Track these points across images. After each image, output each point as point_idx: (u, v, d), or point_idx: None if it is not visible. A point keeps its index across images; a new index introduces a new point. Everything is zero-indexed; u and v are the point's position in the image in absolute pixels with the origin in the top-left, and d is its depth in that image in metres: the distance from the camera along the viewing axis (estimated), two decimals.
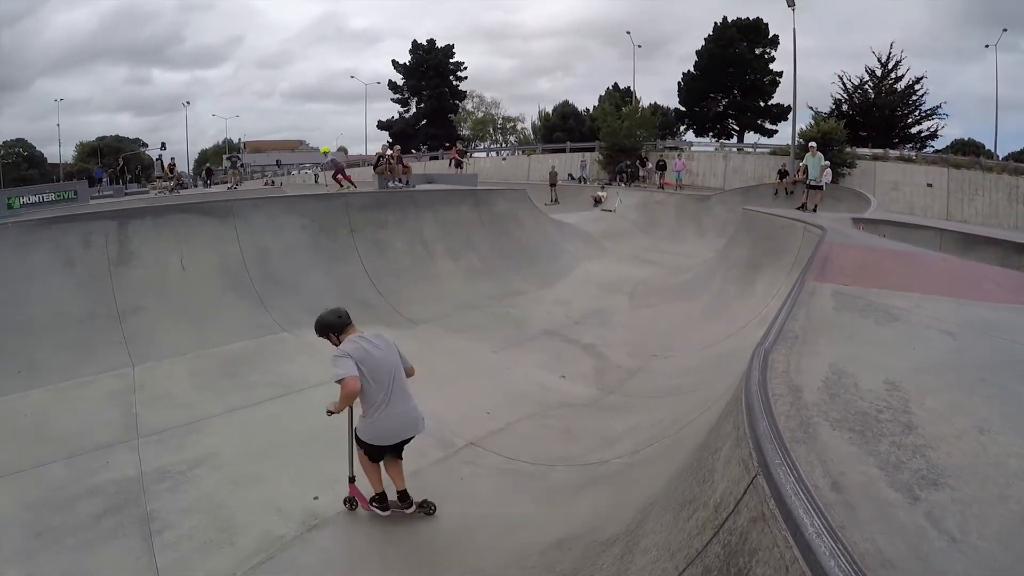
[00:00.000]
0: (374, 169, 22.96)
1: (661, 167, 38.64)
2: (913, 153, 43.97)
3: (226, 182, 42.81)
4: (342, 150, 79.71)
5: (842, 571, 1.87)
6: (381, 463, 5.73)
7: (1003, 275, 9.33)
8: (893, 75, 52.74)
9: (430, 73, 77.51)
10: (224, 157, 70.65)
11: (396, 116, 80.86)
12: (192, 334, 10.09)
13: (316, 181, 48.65)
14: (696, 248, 24.64)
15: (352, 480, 5.84)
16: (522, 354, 10.96)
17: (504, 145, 77.80)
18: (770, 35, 61.21)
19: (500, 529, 5.32)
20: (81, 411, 7.82)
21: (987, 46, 56.14)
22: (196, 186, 47.10)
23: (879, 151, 41.71)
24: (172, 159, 42.71)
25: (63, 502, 5.85)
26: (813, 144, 23.78)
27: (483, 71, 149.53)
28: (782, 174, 33.73)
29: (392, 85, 79.70)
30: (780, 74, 60.82)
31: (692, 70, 63.16)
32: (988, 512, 2.21)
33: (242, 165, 54.47)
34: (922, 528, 2.10)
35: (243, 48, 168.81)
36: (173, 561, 5.00)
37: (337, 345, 5.68)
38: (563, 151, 52.05)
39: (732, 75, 60.92)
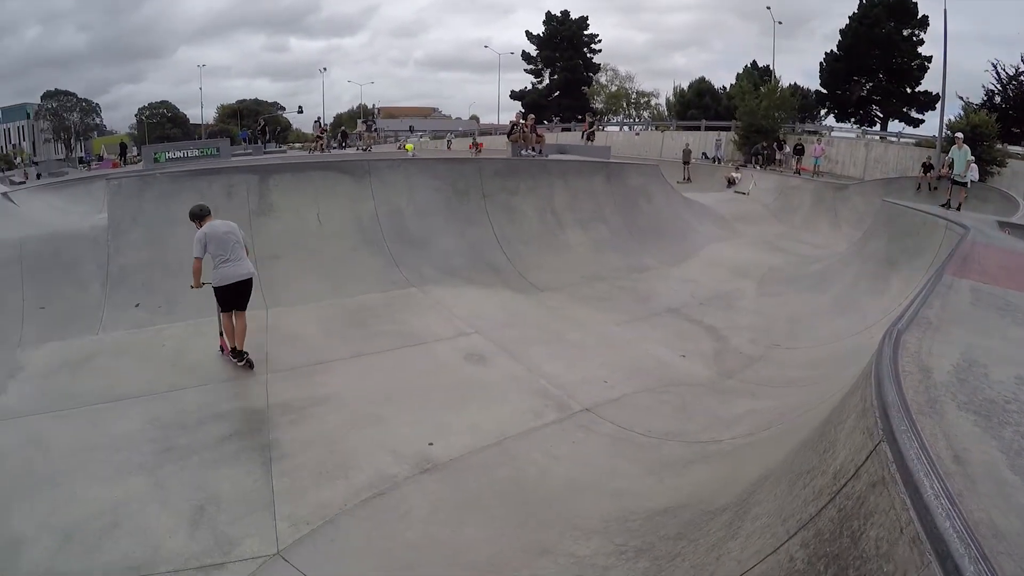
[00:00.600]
0: (508, 136, 23.06)
1: (799, 151, 37.45)
2: None
3: (358, 146, 43.81)
4: (474, 119, 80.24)
5: (956, 533, 1.83)
6: (232, 319, 7.79)
7: None
8: None
9: (564, 45, 77.11)
10: (359, 121, 72.24)
11: (529, 87, 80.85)
12: (324, 284, 10.52)
13: (448, 147, 49.36)
14: (830, 239, 23.92)
15: (221, 335, 8.08)
16: (644, 329, 10.88)
17: (638, 120, 76.85)
18: (919, 16, 57.28)
19: (607, 492, 5.34)
20: (215, 346, 8.32)
21: None
22: (332, 148, 48.46)
23: None
24: (318, 120, 44.07)
25: (192, 424, 6.31)
26: (960, 135, 22.60)
27: (617, 44, 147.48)
28: (926, 167, 31.93)
29: (525, 56, 79.60)
30: (929, 59, 57.03)
31: (835, 50, 59.71)
32: None
33: (376, 130, 55.59)
34: None
35: (378, 17, 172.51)
36: (288, 486, 5.30)
37: (199, 229, 7.85)
38: (698, 129, 51.15)
39: (877, 58, 57.36)
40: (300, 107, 65.37)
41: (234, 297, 7.72)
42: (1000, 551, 1.88)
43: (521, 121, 23.21)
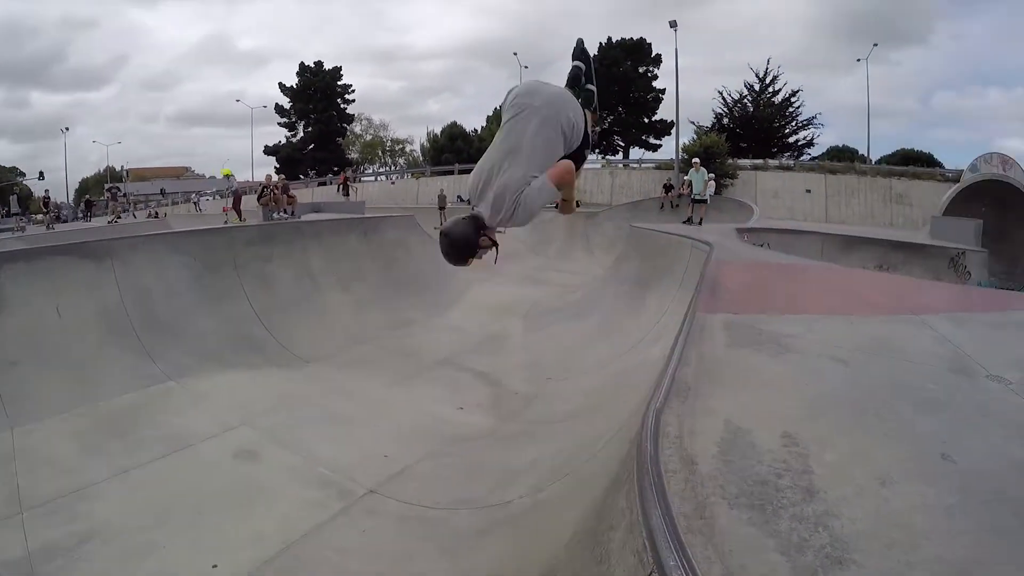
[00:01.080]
0: (258, 200, 22.49)
1: None
2: (792, 162, 46.19)
3: (106, 215, 41.37)
4: (228, 175, 77.94)
5: None
6: None
7: (888, 282, 9.77)
8: (771, 89, 55.59)
9: (317, 96, 76.75)
10: (105, 188, 68.17)
11: (283, 140, 79.73)
12: (73, 389, 9.54)
13: (199, 210, 47.37)
14: (586, 265, 24.99)
15: None
16: (417, 387, 10.88)
17: (393, 168, 77.36)
18: (653, 54, 64.10)
19: None
20: None
21: (859, 60, 60.13)
22: (76, 219, 45.28)
23: (759, 161, 43.76)
24: (46, 192, 41.01)
25: None
26: (696, 160, 24.70)
27: (372, 93, 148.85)
28: (667, 188, 34.89)
29: (279, 109, 78.47)
30: (663, 91, 63.63)
31: None
32: None
33: (124, 195, 52.60)
34: None
35: (127, 69, 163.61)
36: None
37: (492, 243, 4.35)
38: (452, 173, 52.37)
39: (617, 93, 62.96)
40: (41, 172, 60.39)
41: None
42: None
43: (272, 182, 22.72)
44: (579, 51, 5.18)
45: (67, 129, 74.05)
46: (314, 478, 7.26)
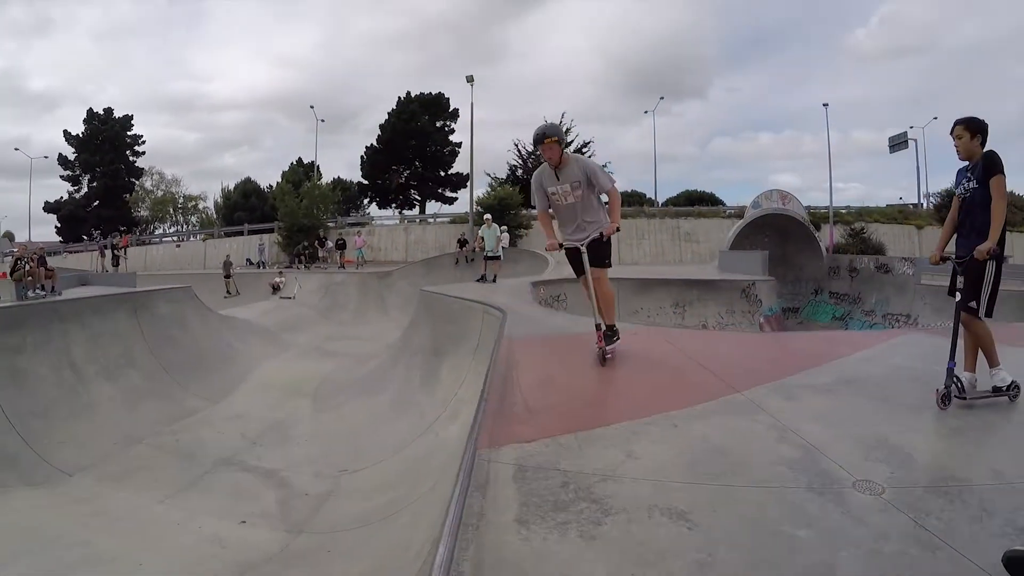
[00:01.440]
0: (10, 276, 19.99)
1: (341, 246, 39.28)
2: None
3: None
4: (7, 236, 70.77)
5: None
6: None
7: (695, 342, 9.69)
8: (565, 140, 57.04)
9: (105, 146, 71.28)
10: None
11: (66, 196, 73.31)
12: None
13: None
14: (381, 328, 24.67)
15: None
16: (194, 498, 9.65)
17: (184, 227, 73.95)
18: (451, 108, 65.56)
19: None
20: None
21: (646, 111, 64.29)
22: None
23: None
24: None
25: None
26: (488, 216, 24.83)
27: (166, 144, 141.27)
28: (461, 243, 35.57)
29: (63, 160, 72.18)
30: (460, 144, 65.78)
31: (375, 143, 65.67)
32: None
33: None
34: None
35: None
36: None
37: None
38: (241, 234, 50.63)
39: (414, 147, 64.78)
40: None
41: None
42: None
43: (26, 254, 20.34)
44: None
45: None
46: None
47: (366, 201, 68.65)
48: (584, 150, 58.82)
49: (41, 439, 11.28)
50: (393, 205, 66.69)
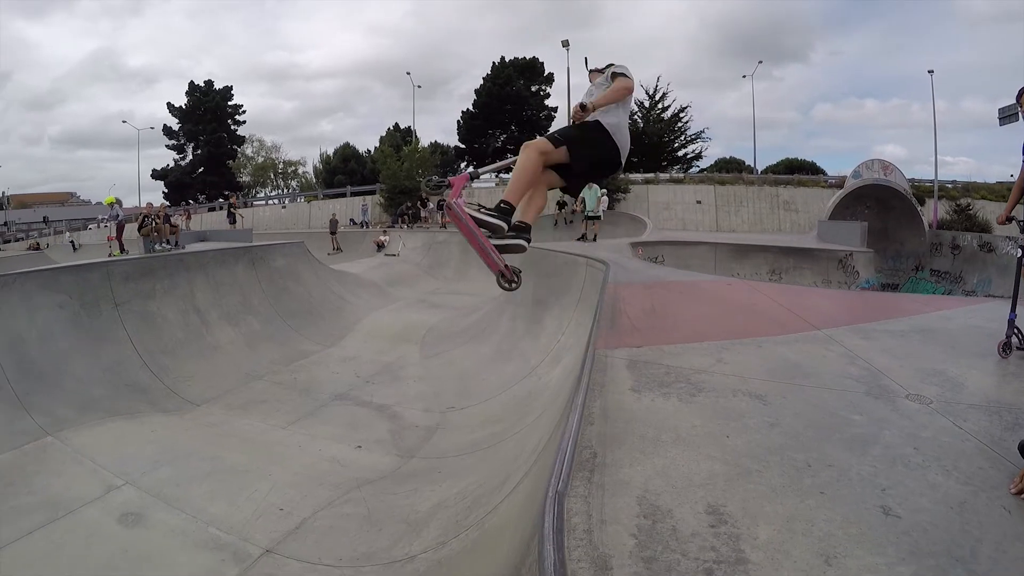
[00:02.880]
0: (139, 231, 21.51)
1: (442, 206, 39.03)
2: (682, 174, 47.19)
3: None
4: (117, 202, 74.68)
5: None
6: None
7: (783, 294, 9.77)
8: (660, 105, 56.63)
9: (207, 117, 74.55)
10: None
11: (171, 164, 76.96)
12: None
13: (74, 249, 45.38)
14: (482, 286, 24.68)
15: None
16: (313, 426, 10.39)
17: (285, 191, 75.90)
18: (545, 73, 64.89)
19: None
20: None
21: (744, 76, 62.70)
22: None
23: (650, 175, 44.59)
24: None
25: None
26: None
27: (264, 113, 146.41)
28: (560, 205, 34.84)
29: (167, 130, 75.76)
30: (555, 109, 65.03)
31: (471, 108, 65.38)
32: None
33: (4, 225, 50.17)
34: None
35: (9, 86, 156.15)
36: None
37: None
38: (344, 195, 51.67)
39: (510, 112, 64.03)
40: None
41: None
42: None
43: (153, 211, 21.80)
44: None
45: None
46: (206, 541, 6.73)
47: (463, 165, 68.15)
48: (681, 115, 58.14)
49: (170, 374, 12.34)
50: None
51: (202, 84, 75.98)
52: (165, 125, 76.16)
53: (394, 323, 18.34)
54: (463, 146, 67.03)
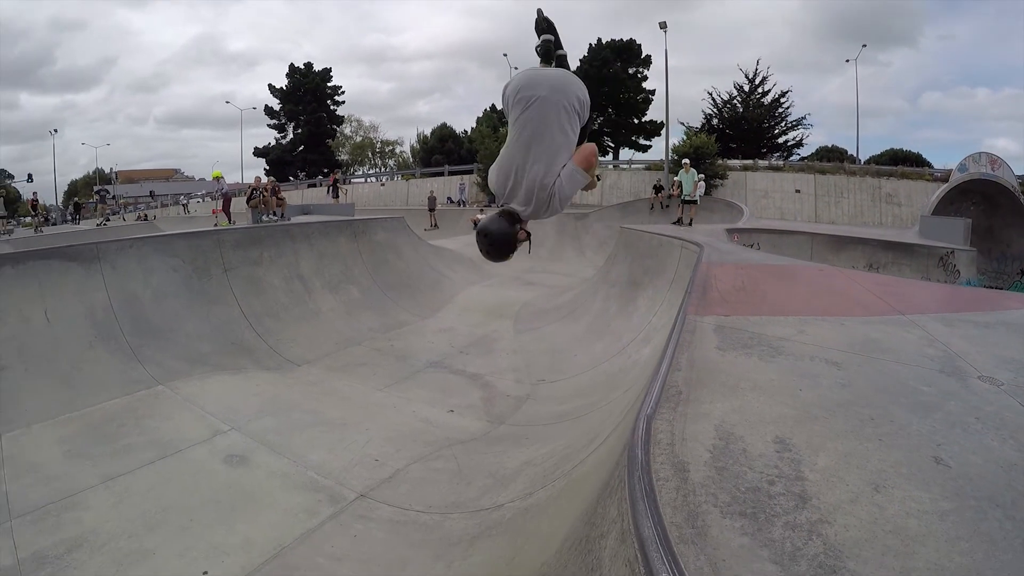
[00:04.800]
0: (247, 202, 22.40)
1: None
2: (781, 162, 46.16)
3: (95, 217, 41.23)
4: (222, 178, 77.56)
5: None
6: None
7: (877, 282, 9.71)
8: (760, 89, 55.55)
9: (307, 97, 76.62)
10: (94, 190, 67.86)
11: (273, 142, 79.51)
12: (61, 394, 9.52)
13: (186, 211, 47.21)
14: (576, 266, 24.98)
15: None
16: (408, 389, 10.82)
17: (383, 170, 77.17)
18: (643, 55, 63.96)
19: None
20: None
21: (848, 60, 60.79)
22: (65, 222, 45.06)
23: (749, 161, 43.71)
24: (34, 194, 40.71)
25: None
26: (686, 160, 24.61)
27: (362, 94, 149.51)
28: (657, 189, 34.71)
29: (268, 110, 78.35)
30: (653, 92, 63.49)
31: None
32: None
33: (113, 198, 52.32)
34: None
35: (116, 70, 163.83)
36: None
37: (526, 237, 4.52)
38: (442, 174, 52.39)
39: (607, 94, 62.91)
40: (30, 175, 60.36)
41: None
42: None
43: (262, 184, 22.63)
44: (543, 22, 4.94)
45: (56, 131, 73.51)
46: (304, 483, 7.21)
47: None
48: (781, 100, 56.76)
49: (273, 335, 13.03)
50: None
51: (302, 66, 77.90)
52: (267, 105, 78.94)
53: (489, 298, 18.72)
54: None
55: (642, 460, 3.02)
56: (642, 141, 65.95)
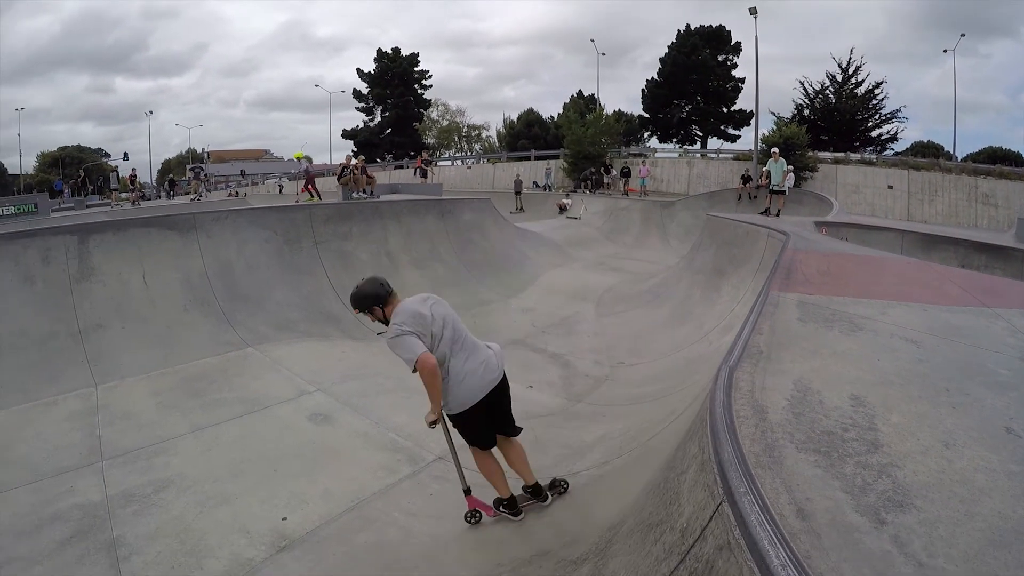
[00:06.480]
0: (338, 180, 22.77)
1: (625, 174, 38.77)
2: (874, 156, 44.67)
3: (188, 193, 42.40)
4: (307, 159, 79.04)
5: None
6: (496, 456, 5.52)
7: (965, 277, 9.42)
8: (854, 80, 53.61)
9: (395, 82, 77.36)
10: (187, 168, 69.98)
11: (361, 125, 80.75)
12: (155, 352, 9.95)
13: (280, 191, 48.25)
14: (661, 254, 24.73)
15: (467, 492, 5.60)
16: None
17: (469, 153, 77.62)
18: (733, 42, 62.42)
19: (471, 545, 5.28)
20: (44, 433, 7.62)
21: (945, 51, 57.91)
22: (159, 197, 46.50)
23: (840, 155, 42.25)
24: (133, 170, 42.07)
25: (29, 529, 5.67)
26: (776, 150, 24.03)
27: (448, 79, 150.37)
28: (745, 179, 34.01)
29: (357, 94, 79.47)
30: (743, 80, 61.79)
31: (656, 77, 63.79)
32: (955, 532, 2.20)
33: (205, 176, 53.80)
34: (888, 554, 2.09)
35: (208, 56, 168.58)
36: None
37: (383, 321, 5.38)
38: (528, 159, 52.38)
39: (695, 82, 61.65)
40: (125, 153, 63.16)
41: (494, 414, 5.51)
42: None
43: (352, 163, 22.97)
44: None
45: (151, 113, 75.85)
46: (385, 443, 7.39)
47: (647, 134, 66.54)
48: (875, 92, 54.88)
49: None
50: (674, 140, 64.50)
51: (389, 51, 78.69)
52: (355, 89, 79.86)
53: (572, 281, 18.67)
54: (647, 115, 65.19)
55: (723, 400, 3.09)
56: (731, 130, 64.30)
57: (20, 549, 5.40)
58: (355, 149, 75.82)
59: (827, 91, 54.30)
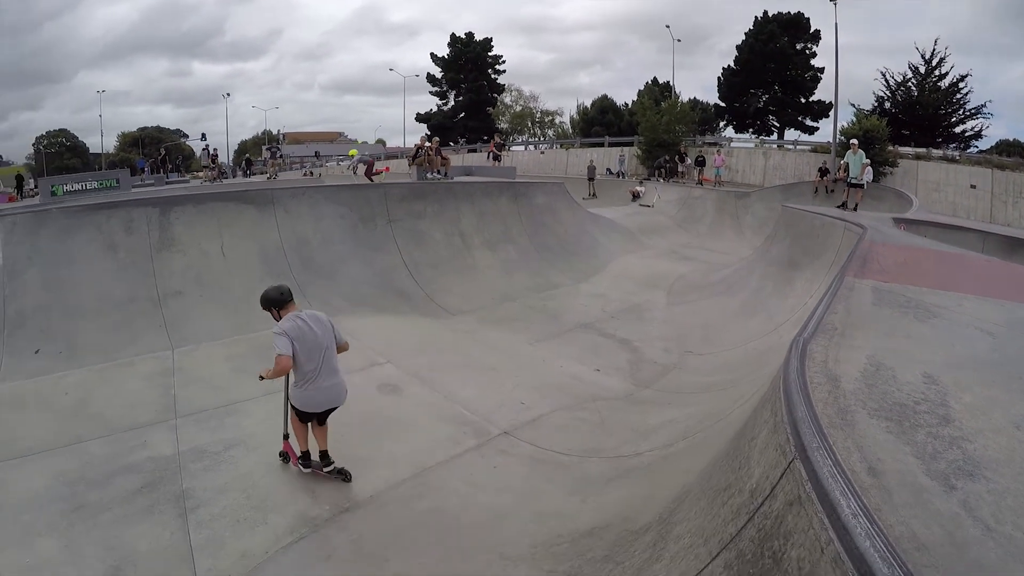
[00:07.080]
0: (412, 161, 22.94)
1: (700, 163, 38.31)
2: (957, 153, 43.03)
3: (265, 172, 43.19)
4: (380, 143, 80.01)
5: (877, 552, 1.86)
6: (308, 425, 6.13)
7: None
8: (937, 73, 51.51)
9: (468, 66, 77.62)
10: (264, 148, 71.28)
11: (434, 109, 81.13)
12: (230, 319, 10.22)
13: (355, 173, 48.92)
14: (735, 245, 24.43)
15: (286, 437, 6.32)
16: (558, 346, 10.94)
17: (542, 138, 77.51)
18: (811, 30, 60.18)
19: (531, 517, 5.32)
20: (121, 391, 7.95)
21: None
22: (236, 176, 47.40)
23: (922, 150, 40.93)
24: (215, 149, 43.00)
25: (101, 478, 5.93)
26: (855, 141, 23.37)
27: (521, 64, 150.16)
28: (823, 172, 33.26)
29: (430, 78, 79.92)
30: (821, 70, 59.81)
31: (732, 65, 62.05)
32: (1023, 504, 2.20)
33: (281, 156, 54.62)
34: (957, 516, 2.09)
35: (282, 41, 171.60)
36: (206, 538, 5.06)
37: (277, 320, 6.14)
38: (601, 145, 52.02)
39: (772, 71, 59.89)
40: (203, 134, 64.69)
41: (319, 416, 6.12)
42: (924, 563, 1.92)
43: (426, 144, 23.11)
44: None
45: (228, 95, 77.18)
46: (452, 416, 7.48)
47: (722, 123, 65.17)
48: (960, 85, 52.95)
49: (431, 285, 13.47)
50: (750, 130, 62.40)
51: (463, 36, 78.92)
52: (428, 73, 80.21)
53: (644, 268, 18.56)
54: (723, 104, 63.64)
55: (797, 366, 3.10)
56: (808, 122, 62.27)
57: (91, 496, 5.65)
58: (429, 132, 76.47)
59: (909, 83, 52.44)
